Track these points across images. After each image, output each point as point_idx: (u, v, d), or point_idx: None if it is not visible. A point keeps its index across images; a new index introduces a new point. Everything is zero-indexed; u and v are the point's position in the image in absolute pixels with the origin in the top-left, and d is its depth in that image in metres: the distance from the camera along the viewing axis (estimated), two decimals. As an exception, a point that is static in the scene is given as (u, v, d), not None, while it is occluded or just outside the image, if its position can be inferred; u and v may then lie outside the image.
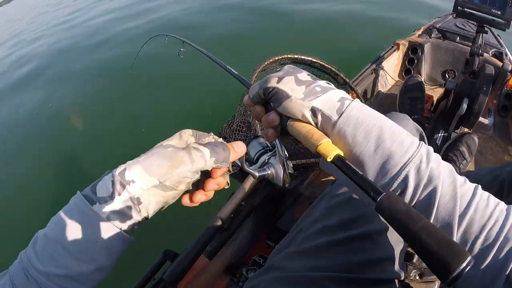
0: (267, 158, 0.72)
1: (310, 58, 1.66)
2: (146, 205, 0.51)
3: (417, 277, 1.28)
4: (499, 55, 2.14)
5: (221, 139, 0.62)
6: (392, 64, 2.43)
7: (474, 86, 1.57)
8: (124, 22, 6.24)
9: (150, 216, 0.54)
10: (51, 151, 3.26)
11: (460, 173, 1.38)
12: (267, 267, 0.84)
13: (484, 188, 0.50)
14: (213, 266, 1.24)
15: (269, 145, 0.75)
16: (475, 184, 0.50)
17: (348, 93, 1.88)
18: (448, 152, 1.57)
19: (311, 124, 0.56)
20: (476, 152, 1.71)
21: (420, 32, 2.50)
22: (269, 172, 0.69)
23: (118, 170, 0.50)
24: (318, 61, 1.70)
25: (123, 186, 0.49)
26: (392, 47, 2.43)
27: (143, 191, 0.50)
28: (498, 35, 2.10)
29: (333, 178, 1.71)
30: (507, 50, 2.18)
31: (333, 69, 1.75)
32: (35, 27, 8.54)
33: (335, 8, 5.08)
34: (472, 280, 0.48)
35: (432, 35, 2.41)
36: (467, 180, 0.51)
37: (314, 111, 0.55)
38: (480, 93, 1.48)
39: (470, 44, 2.26)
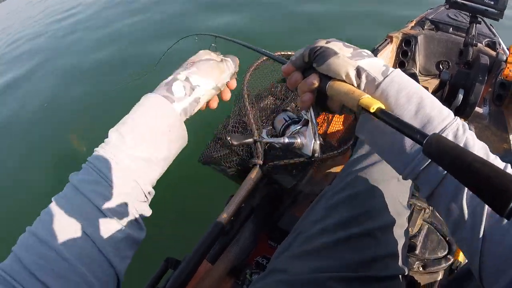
0: (295, 129, 0.73)
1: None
2: (200, 105, 0.67)
3: (421, 269, 1.27)
4: (493, 45, 2.14)
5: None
6: (386, 57, 2.42)
7: (469, 77, 1.56)
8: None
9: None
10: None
11: None
12: (270, 270, 0.84)
13: None
14: (216, 271, 1.23)
15: (297, 118, 0.76)
16: (505, 163, 0.50)
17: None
18: (445, 143, 1.56)
19: (353, 85, 0.56)
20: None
21: (413, 24, 2.50)
22: (298, 141, 0.70)
23: (182, 78, 0.64)
24: None
25: (192, 89, 0.64)
26: (386, 40, 2.42)
27: (205, 91, 0.66)
28: (490, 24, 2.10)
29: (333, 172, 1.72)
30: (500, 40, 2.18)
31: None
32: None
33: (327, 3, 5.07)
34: None
35: (425, 27, 2.40)
36: (498, 157, 0.51)
37: (359, 71, 0.56)
38: (476, 84, 1.48)
39: (463, 34, 2.26)
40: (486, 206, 0.48)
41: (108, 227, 0.54)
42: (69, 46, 5.74)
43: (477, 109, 1.96)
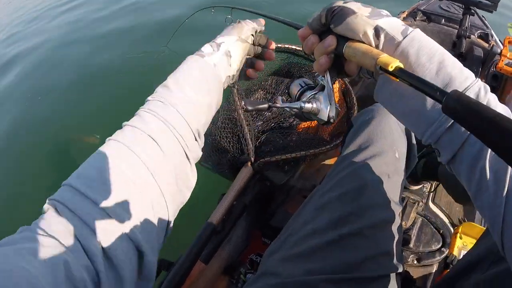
0: (311, 94, 0.73)
1: (294, 47, 1.62)
2: (235, 58, 0.71)
3: (415, 262, 1.28)
4: (485, 37, 2.13)
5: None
6: None
7: (462, 69, 1.55)
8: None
9: (237, 69, 0.75)
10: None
11: None
12: (261, 273, 0.82)
13: None
14: (210, 270, 1.22)
15: (313, 83, 0.76)
16: None
17: (335, 80, 1.88)
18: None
19: (371, 46, 0.55)
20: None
21: (404, 15, 2.48)
22: (313, 106, 0.70)
23: (211, 43, 0.70)
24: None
25: (219, 46, 0.70)
26: None
27: (231, 44, 0.71)
28: (482, 16, 2.08)
29: (325, 166, 1.71)
30: (492, 31, 2.17)
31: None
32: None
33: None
34: None
35: (417, 18, 2.39)
36: None
37: (377, 31, 0.55)
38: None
39: (456, 26, 2.25)
40: (509, 169, 0.48)
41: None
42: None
43: None
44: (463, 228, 1.27)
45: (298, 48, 1.56)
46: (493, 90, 1.99)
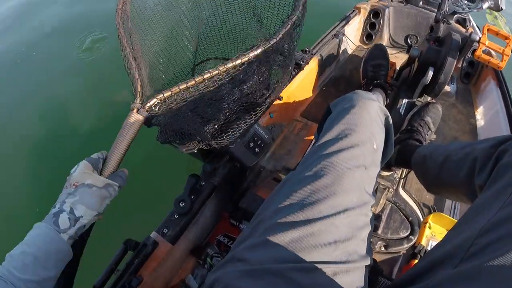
0: None
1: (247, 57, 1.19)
2: (87, 227, 0.77)
3: (382, 249, 1.28)
4: (463, 21, 2.14)
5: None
6: (353, 29, 2.39)
7: (439, 55, 1.53)
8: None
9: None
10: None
11: (427, 145, 1.38)
12: (230, 258, 0.80)
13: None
14: (177, 250, 1.20)
15: None
16: None
17: (309, 60, 1.85)
18: (412, 122, 1.55)
19: None
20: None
21: None
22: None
23: (67, 209, 0.72)
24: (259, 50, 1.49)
25: (76, 220, 0.73)
26: (353, 11, 2.39)
27: (88, 220, 0.75)
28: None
29: (296, 147, 1.69)
30: (470, 16, 2.17)
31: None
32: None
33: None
34: None
35: None
36: None
37: None
38: (446, 63, 1.45)
39: (433, 9, 2.24)
40: None
41: None
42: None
43: (445, 87, 1.96)
44: (433, 218, 1.28)
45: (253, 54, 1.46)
46: (468, 76, 2.01)
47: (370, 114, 0.92)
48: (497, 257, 0.52)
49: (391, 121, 1.00)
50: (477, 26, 2.20)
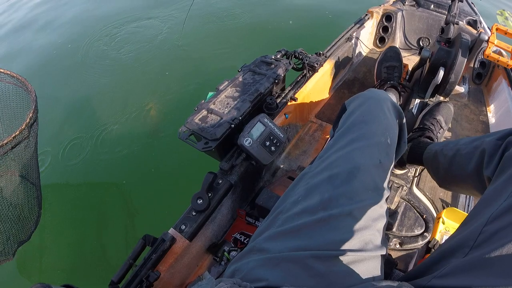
0: None
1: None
2: None
3: (398, 246, 1.29)
4: (474, 23, 2.15)
5: None
6: (366, 33, 2.43)
7: (450, 55, 1.55)
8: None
9: None
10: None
11: (438, 142, 1.39)
12: (248, 250, 0.82)
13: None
14: (194, 247, 1.22)
15: None
16: None
17: (323, 63, 1.89)
18: (424, 121, 1.57)
19: None
20: (452, 120, 1.73)
21: None
22: None
23: None
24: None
25: None
26: (366, 15, 2.42)
27: None
28: (472, 2, 2.09)
29: (310, 148, 1.72)
30: (481, 18, 2.18)
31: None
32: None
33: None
34: None
35: (406, 3, 2.40)
36: None
37: None
38: (457, 62, 1.47)
39: (444, 12, 2.26)
40: None
41: None
42: None
43: (457, 87, 1.98)
44: (446, 213, 1.29)
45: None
46: (480, 77, 2.02)
47: (384, 110, 0.95)
48: (506, 243, 0.54)
49: (404, 118, 1.03)
50: (488, 27, 2.21)
